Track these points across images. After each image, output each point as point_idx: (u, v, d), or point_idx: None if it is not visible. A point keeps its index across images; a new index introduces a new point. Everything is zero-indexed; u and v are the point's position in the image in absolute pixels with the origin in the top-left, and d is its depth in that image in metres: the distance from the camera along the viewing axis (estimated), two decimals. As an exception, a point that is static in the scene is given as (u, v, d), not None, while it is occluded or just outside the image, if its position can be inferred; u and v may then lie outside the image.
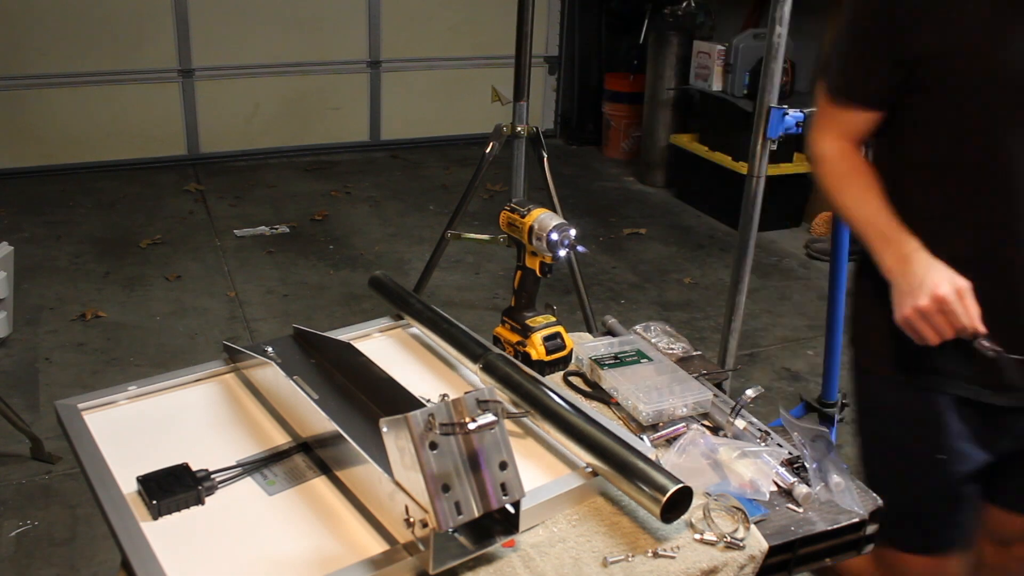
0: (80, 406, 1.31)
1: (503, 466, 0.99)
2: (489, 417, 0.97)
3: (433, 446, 0.94)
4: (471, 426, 0.95)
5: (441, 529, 0.94)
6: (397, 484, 1.00)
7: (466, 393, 0.97)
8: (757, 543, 1.11)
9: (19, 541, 2.31)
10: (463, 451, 0.96)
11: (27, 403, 2.88)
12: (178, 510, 1.11)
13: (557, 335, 1.51)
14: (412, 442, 0.93)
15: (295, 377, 1.29)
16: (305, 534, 1.08)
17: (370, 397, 1.31)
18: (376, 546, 1.05)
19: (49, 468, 2.58)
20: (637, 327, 1.67)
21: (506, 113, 3.31)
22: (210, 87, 5.37)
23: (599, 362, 1.47)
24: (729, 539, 1.10)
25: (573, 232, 1.44)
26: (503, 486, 0.99)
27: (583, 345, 1.53)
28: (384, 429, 0.98)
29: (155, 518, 1.09)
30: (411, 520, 0.98)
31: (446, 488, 0.94)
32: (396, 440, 0.97)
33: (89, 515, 2.37)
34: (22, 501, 2.45)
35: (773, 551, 1.12)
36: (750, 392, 1.37)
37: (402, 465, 0.98)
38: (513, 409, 1.31)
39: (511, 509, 1.02)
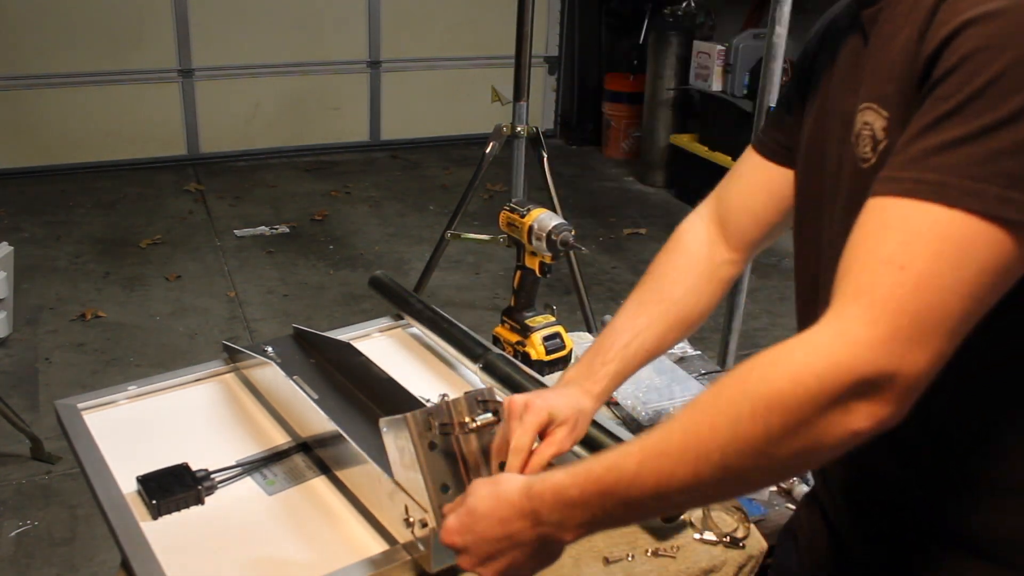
0: (80, 406, 1.31)
1: (503, 466, 0.99)
2: (489, 417, 0.97)
3: (432, 446, 0.94)
4: (471, 426, 0.95)
5: (440, 529, 0.94)
6: (396, 484, 1.00)
7: (465, 393, 0.97)
8: (757, 543, 1.11)
9: (19, 541, 2.30)
10: (463, 451, 0.96)
11: (27, 403, 2.88)
12: (178, 510, 1.11)
13: (557, 335, 1.51)
14: (412, 442, 0.93)
15: (295, 377, 1.29)
16: (305, 534, 1.08)
17: (370, 397, 1.31)
18: (375, 546, 1.05)
19: (49, 468, 2.58)
20: (637, 327, 1.67)
21: (506, 113, 3.31)
22: (210, 87, 5.37)
23: (599, 362, 1.47)
24: (729, 538, 1.10)
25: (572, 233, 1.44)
26: None
27: (583, 345, 1.53)
28: (384, 429, 0.98)
29: (155, 518, 1.09)
30: (410, 520, 0.98)
31: (445, 488, 0.94)
32: (395, 440, 0.97)
33: (89, 515, 2.37)
34: (22, 501, 2.45)
35: (772, 551, 1.12)
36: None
37: (401, 465, 0.98)
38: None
39: None
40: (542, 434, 0.98)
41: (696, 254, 1.08)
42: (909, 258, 0.63)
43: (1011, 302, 0.67)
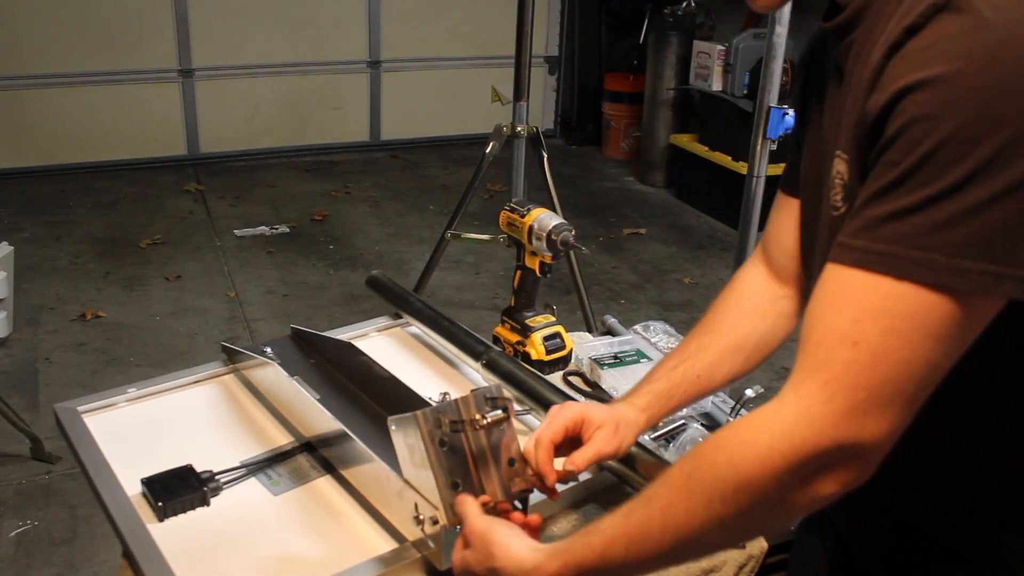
0: (80, 409, 1.31)
1: (512, 463, 0.99)
2: (499, 413, 0.97)
3: (443, 443, 0.94)
4: (482, 423, 0.96)
5: (452, 526, 0.95)
6: (406, 482, 1.00)
7: (474, 390, 0.98)
8: (757, 542, 1.12)
9: (19, 541, 2.31)
10: (472, 448, 0.96)
11: (27, 403, 2.87)
12: (184, 511, 1.10)
13: (557, 335, 1.51)
14: (422, 439, 0.93)
15: (295, 377, 1.29)
16: (312, 533, 1.08)
17: (372, 396, 1.31)
18: (383, 544, 1.06)
19: (49, 468, 2.58)
20: (637, 327, 1.67)
21: (506, 113, 3.31)
22: (210, 87, 5.37)
23: (599, 362, 1.48)
24: (731, 538, 1.10)
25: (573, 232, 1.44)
26: (512, 482, 0.99)
27: (583, 345, 1.53)
28: (392, 427, 0.98)
29: (161, 520, 1.09)
30: (421, 517, 0.99)
31: (456, 485, 0.95)
32: (405, 438, 0.97)
33: (89, 515, 2.37)
34: (22, 501, 2.45)
35: (772, 550, 1.13)
36: (750, 392, 1.37)
37: (411, 463, 0.98)
38: (517, 406, 1.31)
39: (519, 505, 1.02)
40: (581, 440, 1.01)
41: (747, 290, 1.09)
42: (862, 334, 0.65)
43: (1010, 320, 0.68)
